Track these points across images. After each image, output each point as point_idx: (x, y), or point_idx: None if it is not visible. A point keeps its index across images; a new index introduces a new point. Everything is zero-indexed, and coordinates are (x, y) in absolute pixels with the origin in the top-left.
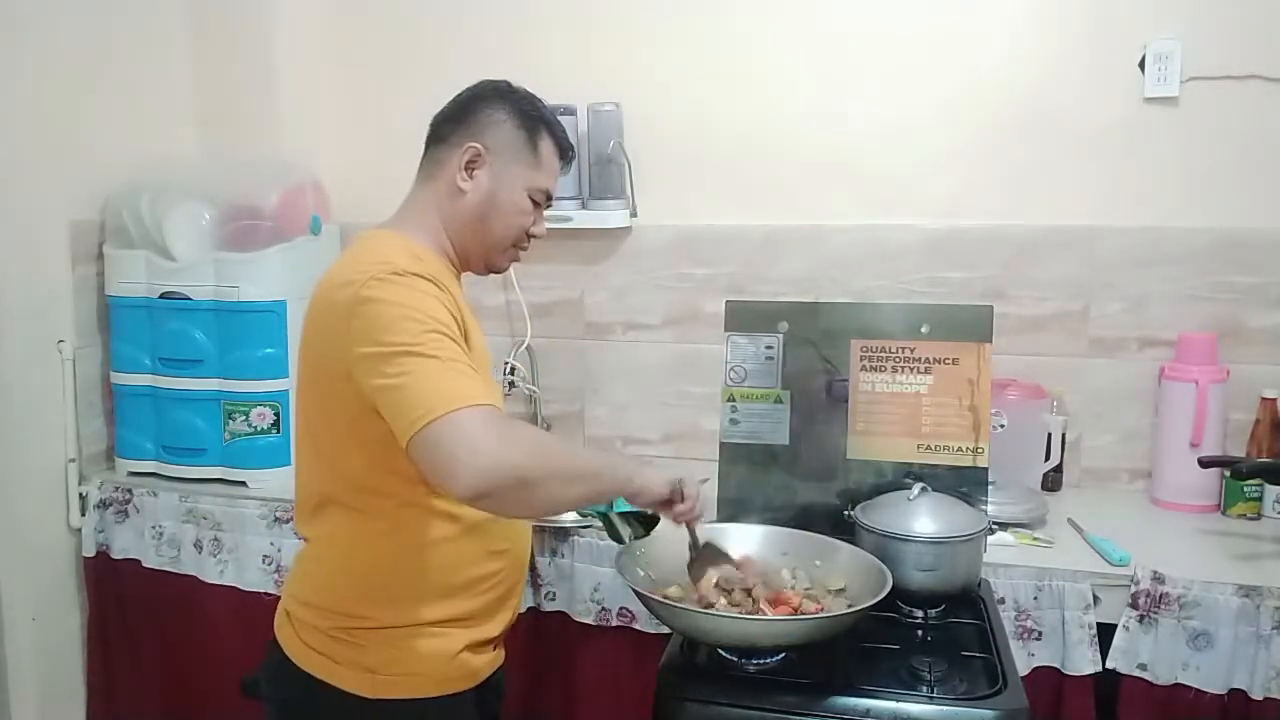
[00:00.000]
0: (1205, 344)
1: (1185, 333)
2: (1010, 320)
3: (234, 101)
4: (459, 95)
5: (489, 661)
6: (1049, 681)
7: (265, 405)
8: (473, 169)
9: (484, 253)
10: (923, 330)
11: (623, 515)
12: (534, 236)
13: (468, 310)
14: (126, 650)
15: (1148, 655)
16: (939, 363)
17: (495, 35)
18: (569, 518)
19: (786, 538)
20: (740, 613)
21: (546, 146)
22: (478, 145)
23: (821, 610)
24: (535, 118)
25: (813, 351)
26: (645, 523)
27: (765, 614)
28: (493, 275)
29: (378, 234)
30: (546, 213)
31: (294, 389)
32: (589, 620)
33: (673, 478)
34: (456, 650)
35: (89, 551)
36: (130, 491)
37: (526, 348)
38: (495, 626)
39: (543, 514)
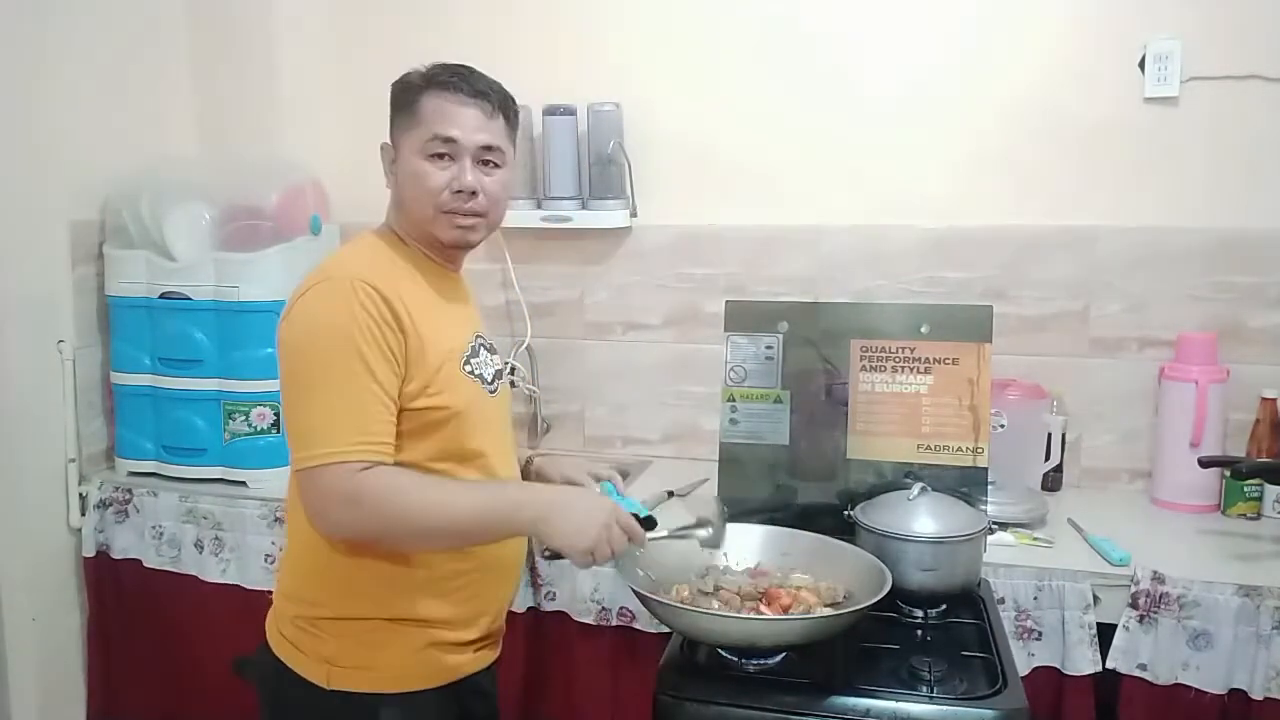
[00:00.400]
0: (1205, 344)
1: (1185, 333)
2: (1010, 320)
3: (234, 101)
4: None
5: (466, 663)
6: (1049, 681)
7: (265, 405)
8: (391, 165)
9: (424, 230)
10: (923, 330)
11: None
12: (461, 191)
13: (437, 309)
14: (126, 650)
15: (1148, 655)
16: (939, 363)
17: (495, 35)
18: None
19: (786, 538)
20: (740, 613)
21: (427, 99)
22: (385, 142)
23: (813, 609)
24: (408, 86)
25: (813, 351)
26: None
27: (764, 614)
28: (493, 275)
29: (361, 235)
30: (547, 212)
31: None
32: (589, 620)
33: (562, 545)
34: (418, 647)
35: (89, 551)
36: (130, 491)
37: (526, 348)
38: (470, 631)
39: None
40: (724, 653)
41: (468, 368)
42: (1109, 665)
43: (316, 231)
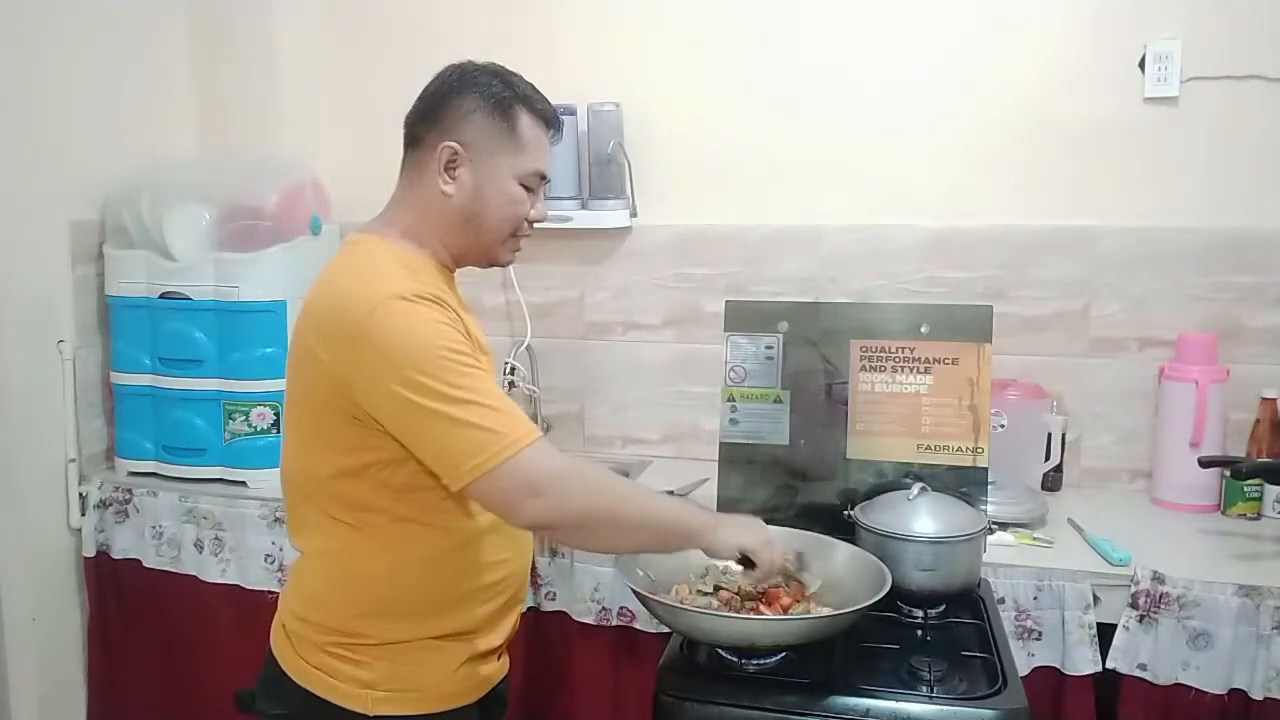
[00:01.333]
0: (1205, 344)
1: (1185, 333)
2: (1010, 320)
3: (234, 101)
4: (426, 89)
5: (494, 671)
6: (1049, 681)
7: (265, 405)
8: (453, 169)
9: (484, 249)
10: (923, 330)
11: None
12: (534, 222)
13: (466, 311)
14: (126, 650)
15: (1148, 655)
16: (939, 363)
17: (495, 35)
18: None
19: (786, 538)
20: (739, 613)
21: (527, 125)
22: (453, 144)
23: (810, 609)
24: (508, 98)
25: (813, 351)
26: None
27: (764, 614)
28: (493, 275)
29: (368, 241)
30: (549, 211)
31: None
32: (589, 620)
33: (751, 543)
34: (458, 664)
35: (89, 551)
36: (130, 491)
37: (526, 348)
38: (498, 636)
39: (604, 551)
40: (724, 653)
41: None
42: (1109, 665)
43: (316, 231)
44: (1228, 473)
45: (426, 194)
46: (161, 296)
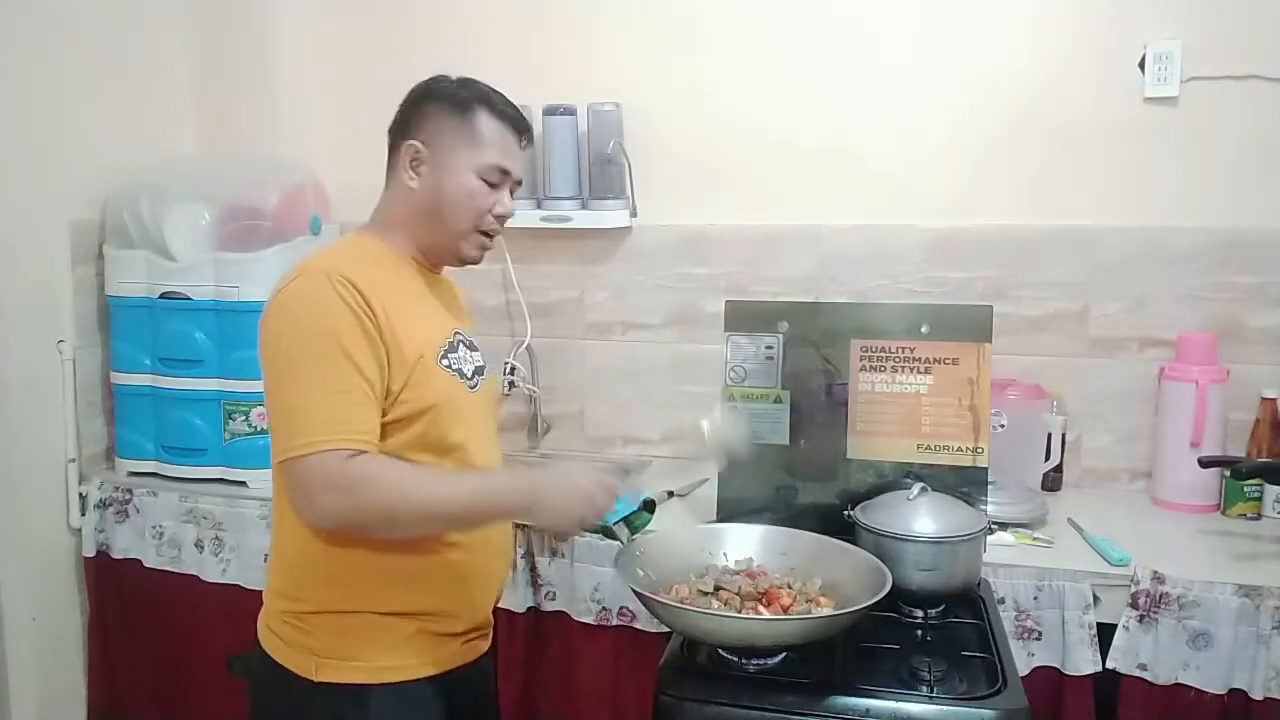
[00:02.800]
0: (1205, 344)
1: (1185, 333)
2: (1010, 320)
3: (234, 101)
4: (401, 103)
5: (455, 655)
6: (1049, 681)
7: (265, 405)
8: (416, 166)
9: (449, 244)
10: (923, 330)
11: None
12: (500, 217)
13: (413, 305)
14: (126, 650)
15: (1148, 655)
16: (939, 363)
17: (496, 35)
18: None
19: (786, 538)
20: (739, 613)
21: (487, 123)
22: (415, 142)
23: (812, 609)
24: (466, 99)
25: (813, 351)
26: (634, 522)
27: (764, 614)
28: (493, 275)
29: (346, 235)
30: (547, 212)
31: None
32: (589, 620)
33: (581, 510)
34: (406, 636)
35: (89, 551)
36: (130, 491)
37: (526, 348)
38: (458, 622)
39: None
40: (724, 653)
41: (445, 362)
42: (1109, 665)
43: (316, 231)
44: (1228, 473)
45: (396, 192)
46: (161, 296)
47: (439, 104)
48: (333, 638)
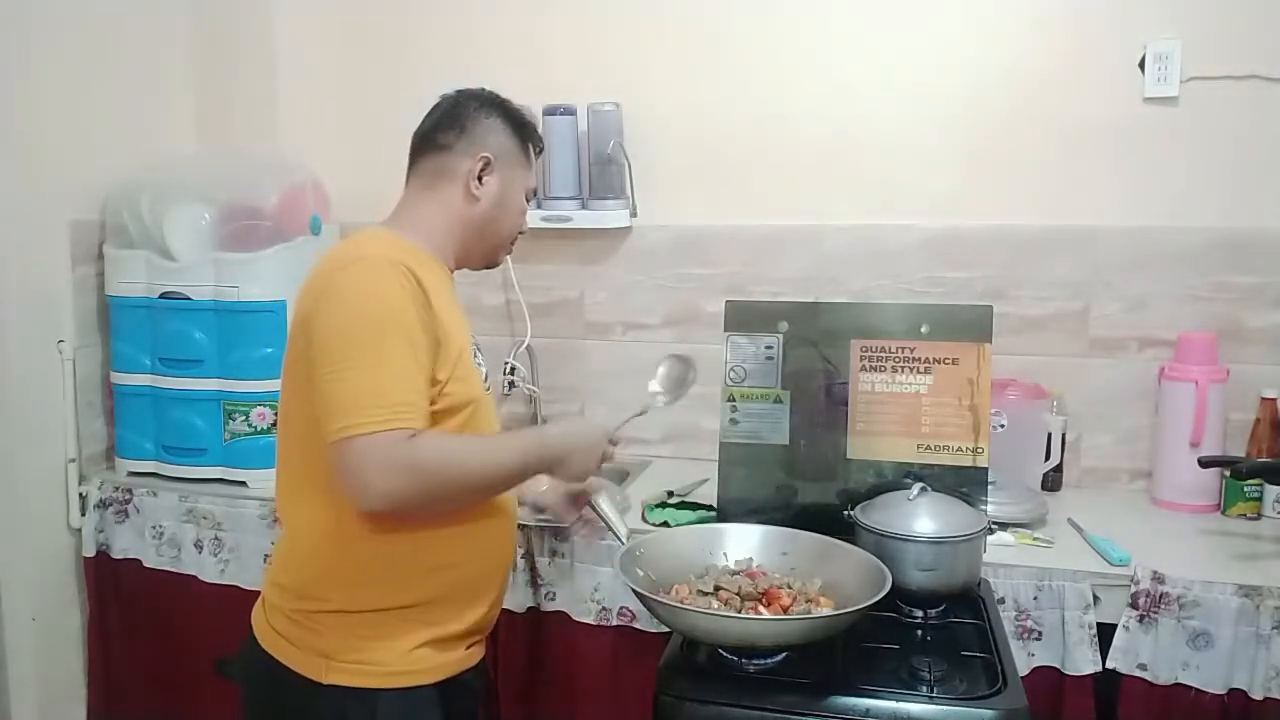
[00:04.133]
0: (1205, 344)
1: (1185, 333)
2: (1010, 320)
3: (234, 101)
4: (443, 105)
5: (456, 660)
6: (1049, 681)
7: (265, 405)
8: (485, 175)
9: (489, 251)
10: (923, 330)
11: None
12: (523, 231)
13: (450, 304)
14: (126, 650)
15: (1148, 655)
16: (939, 363)
17: (496, 35)
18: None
19: (786, 538)
20: (739, 613)
21: (532, 151)
22: (489, 154)
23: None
24: (522, 124)
25: (813, 351)
26: None
27: (763, 614)
28: (493, 275)
29: (371, 228)
30: (547, 212)
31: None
32: (589, 620)
33: (594, 468)
34: (413, 645)
35: (89, 551)
36: (130, 491)
37: (526, 348)
38: (462, 624)
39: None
40: (724, 653)
41: (476, 360)
42: (1109, 665)
43: (316, 231)
44: (1228, 473)
45: (447, 196)
46: (161, 296)
47: (501, 120)
48: (345, 638)
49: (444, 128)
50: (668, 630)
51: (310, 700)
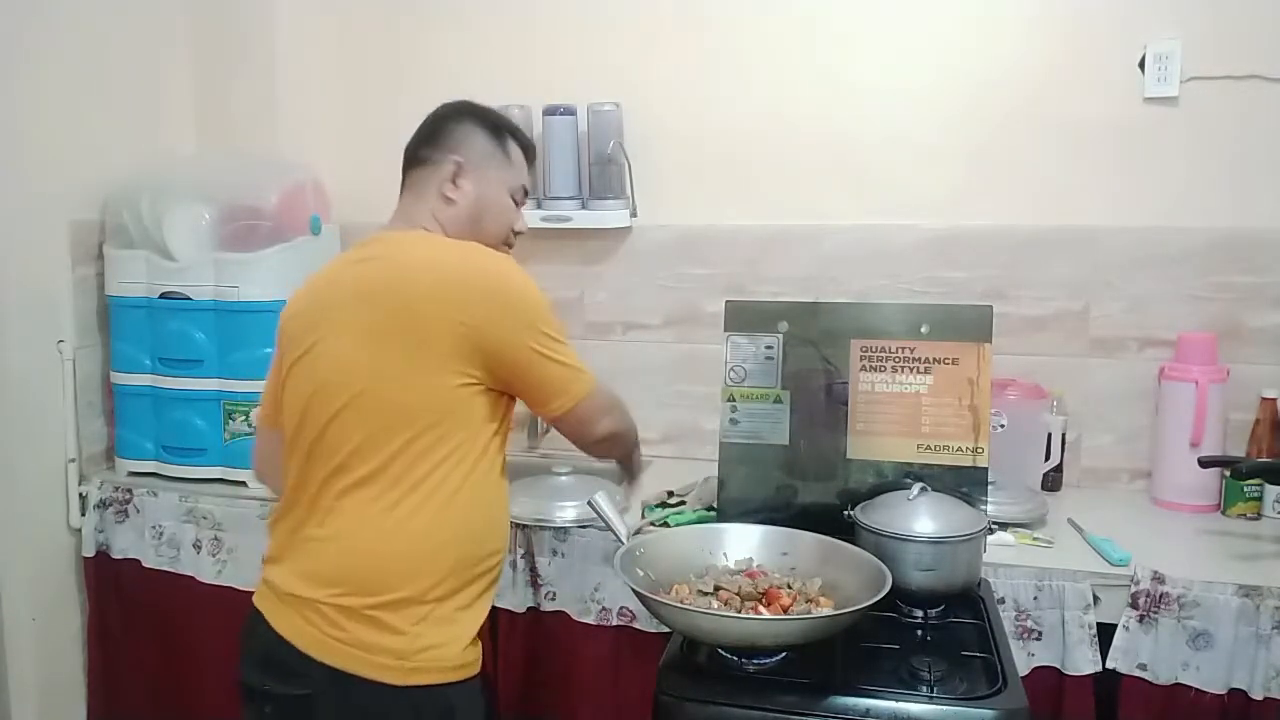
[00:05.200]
0: (1205, 344)
1: (1185, 333)
2: (1010, 320)
3: (234, 101)
4: (425, 121)
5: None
6: (1049, 681)
7: None
8: (457, 179)
9: None
10: (923, 330)
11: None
12: (519, 233)
13: None
14: (126, 650)
15: (1148, 655)
16: (939, 363)
17: (496, 35)
18: (569, 516)
19: (786, 538)
20: (739, 613)
21: (514, 149)
22: (458, 158)
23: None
24: (499, 126)
25: (813, 351)
26: None
27: (763, 614)
28: None
29: (429, 235)
30: (547, 212)
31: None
32: (589, 620)
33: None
34: (473, 633)
35: (89, 551)
36: (130, 491)
37: None
38: (484, 616)
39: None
40: (724, 653)
41: None
42: (1109, 665)
43: (316, 231)
44: (1228, 473)
45: (432, 205)
46: (161, 296)
47: (473, 125)
48: (421, 635)
49: (423, 142)
50: (668, 630)
51: (384, 707)
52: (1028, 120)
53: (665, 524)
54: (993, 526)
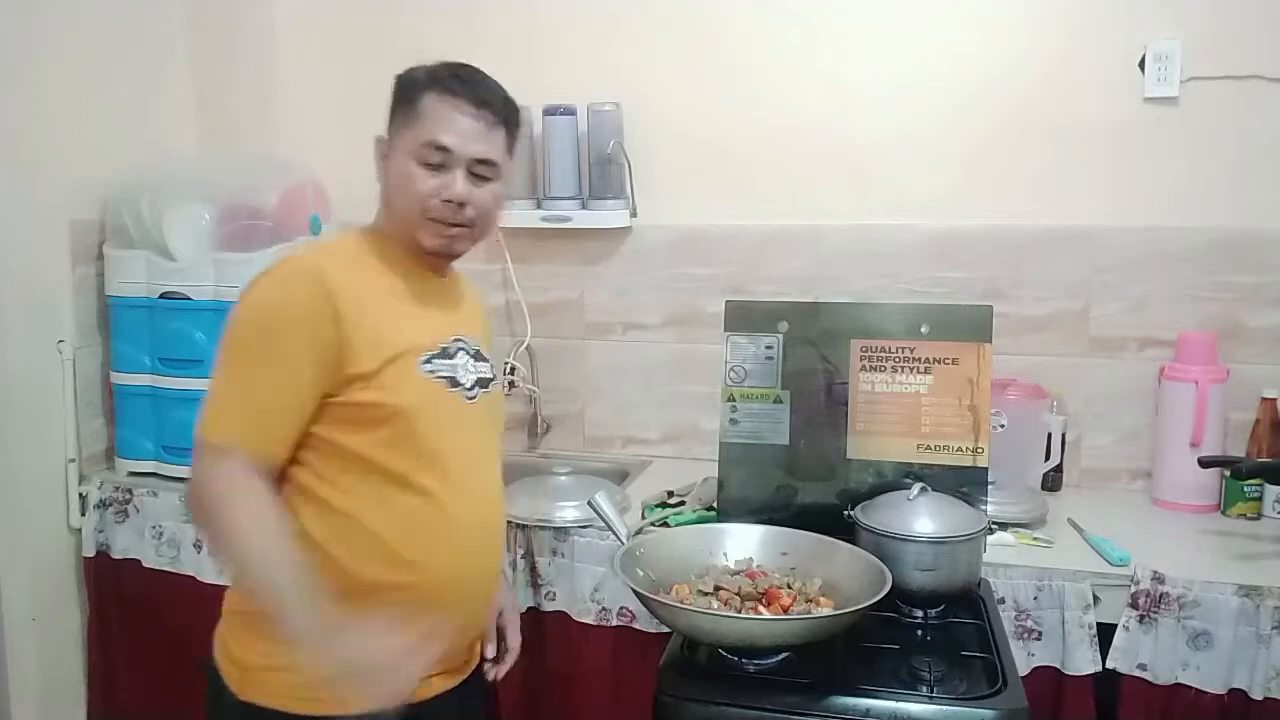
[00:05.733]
0: (1205, 344)
1: (1185, 333)
2: (1010, 320)
3: (234, 101)
4: None
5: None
6: (1049, 681)
7: None
8: (381, 160)
9: (407, 235)
10: (923, 330)
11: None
12: (450, 201)
13: (399, 302)
14: (126, 650)
15: (1148, 655)
16: (939, 363)
17: (495, 35)
18: (569, 516)
19: (786, 538)
20: (739, 613)
21: (430, 100)
22: (381, 135)
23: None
24: (411, 82)
25: (813, 351)
26: None
27: (763, 614)
28: (493, 275)
29: (345, 232)
30: (547, 212)
31: None
32: (589, 620)
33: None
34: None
35: (89, 551)
36: (130, 491)
37: (526, 348)
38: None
39: None
40: (724, 653)
41: (427, 367)
42: (1109, 665)
43: (316, 231)
44: (1228, 473)
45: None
46: (161, 296)
47: (396, 91)
48: (259, 652)
49: None
50: (668, 630)
51: (231, 714)
52: (1028, 120)
53: (665, 524)
54: (993, 526)
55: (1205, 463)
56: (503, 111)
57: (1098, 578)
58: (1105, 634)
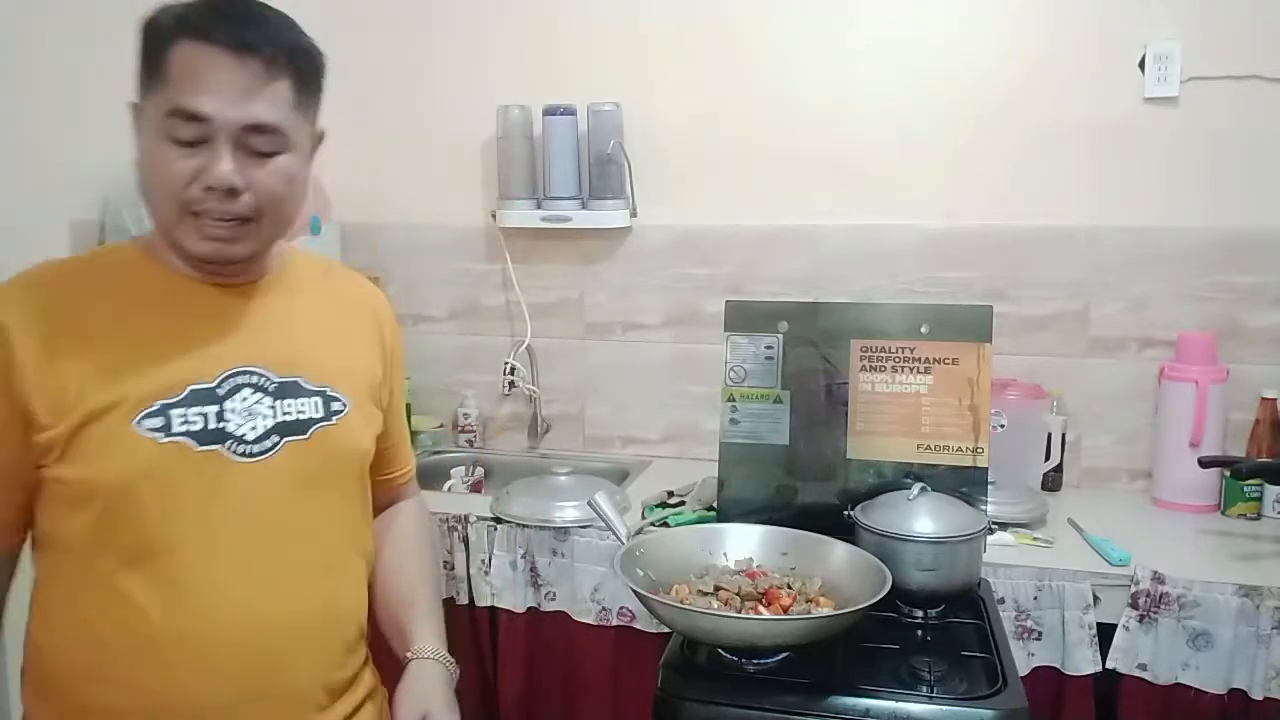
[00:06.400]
0: (1205, 344)
1: (1185, 333)
2: (1010, 320)
3: None
4: None
5: None
6: (1049, 681)
7: None
8: (137, 138)
9: (170, 237)
10: (923, 330)
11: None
12: (212, 188)
13: (144, 329)
14: None
15: (1148, 655)
16: (939, 363)
17: (495, 35)
18: (569, 516)
19: (786, 538)
20: (739, 613)
21: (177, 51)
22: (136, 101)
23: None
24: (156, 28)
25: (813, 351)
26: None
27: (763, 614)
28: (493, 275)
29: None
30: (547, 212)
31: None
32: (589, 620)
33: None
34: None
35: None
36: None
37: (526, 348)
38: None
39: None
40: (724, 653)
41: (153, 422)
42: (1109, 665)
43: (316, 231)
44: (1228, 473)
45: None
46: None
47: (141, 44)
48: None
49: None
50: (668, 630)
51: None
52: (1028, 120)
53: (665, 524)
54: (993, 526)
55: (1205, 463)
56: (283, 55)
57: (1098, 578)
58: (1105, 634)
